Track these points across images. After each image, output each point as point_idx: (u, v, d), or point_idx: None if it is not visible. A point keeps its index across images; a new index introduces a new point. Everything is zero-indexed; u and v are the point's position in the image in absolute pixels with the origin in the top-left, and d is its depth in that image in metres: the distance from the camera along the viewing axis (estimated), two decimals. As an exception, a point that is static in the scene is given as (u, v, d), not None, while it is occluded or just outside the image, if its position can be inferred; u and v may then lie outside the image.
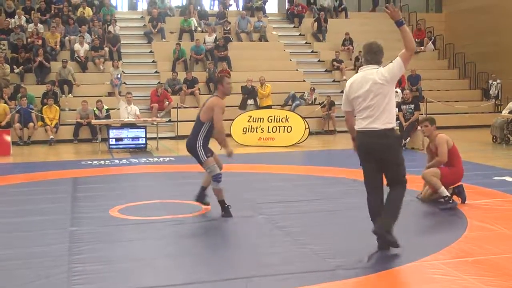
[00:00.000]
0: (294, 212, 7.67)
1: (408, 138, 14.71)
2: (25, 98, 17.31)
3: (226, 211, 7.49)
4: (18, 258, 5.76)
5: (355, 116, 5.94)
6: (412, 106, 14.88)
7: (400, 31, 5.75)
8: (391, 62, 5.76)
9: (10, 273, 5.35)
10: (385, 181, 5.95)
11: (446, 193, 7.80)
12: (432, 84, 22.69)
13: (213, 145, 7.61)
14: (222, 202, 7.53)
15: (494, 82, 22.15)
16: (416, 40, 24.42)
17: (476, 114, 21.30)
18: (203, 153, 7.41)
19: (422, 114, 14.70)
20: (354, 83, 5.86)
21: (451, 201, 7.77)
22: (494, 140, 15.86)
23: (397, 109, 15.59)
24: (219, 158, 7.69)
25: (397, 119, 15.44)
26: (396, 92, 19.18)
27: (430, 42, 24.81)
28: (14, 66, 19.38)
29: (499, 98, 22.01)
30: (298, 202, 8.31)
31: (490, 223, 6.90)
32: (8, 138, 15.12)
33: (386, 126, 5.67)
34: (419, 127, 8.14)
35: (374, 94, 5.68)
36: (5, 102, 17.40)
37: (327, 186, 9.67)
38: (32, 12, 21.81)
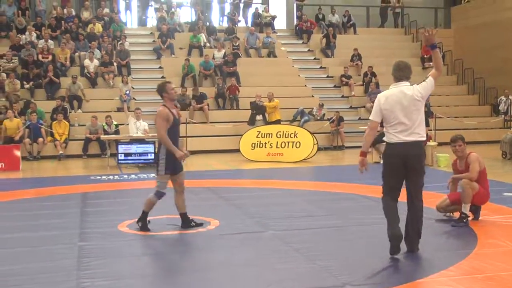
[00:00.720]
0: (303, 228, 7.64)
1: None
2: (35, 114, 17.43)
3: (144, 224, 7.50)
4: (27, 273, 5.76)
5: (378, 131, 6.29)
6: None
7: (432, 53, 6.46)
8: (424, 80, 6.25)
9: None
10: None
11: (467, 210, 7.73)
12: (441, 99, 22.65)
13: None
14: (146, 214, 7.53)
15: (503, 98, 22.10)
16: (425, 56, 24.46)
17: (485, 130, 21.24)
18: (164, 166, 7.33)
19: (430, 130, 14.68)
20: (391, 97, 6.19)
21: (465, 221, 7.69)
22: (503, 156, 15.80)
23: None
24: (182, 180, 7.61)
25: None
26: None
27: (439, 58, 24.77)
28: (25, 82, 19.51)
29: (509, 113, 21.95)
30: (307, 218, 8.28)
31: (500, 240, 6.84)
32: (18, 153, 15.21)
33: (421, 139, 6.17)
34: (452, 146, 8.07)
35: (411, 109, 6.12)
36: (15, 117, 17.50)
37: (336, 202, 9.64)
38: (43, 28, 21.98)
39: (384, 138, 6.33)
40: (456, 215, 7.90)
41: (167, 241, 7.07)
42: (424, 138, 6.23)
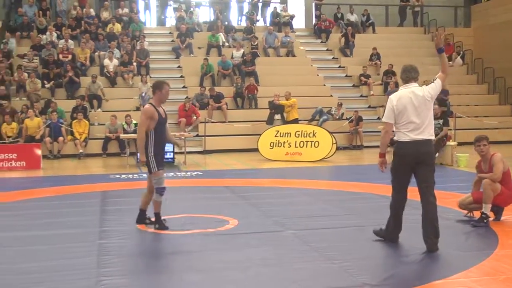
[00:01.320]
0: (322, 227, 7.63)
1: (437, 154, 14.55)
2: (55, 113, 17.58)
3: (160, 223, 7.56)
4: (48, 271, 5.82)
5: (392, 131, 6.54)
6: (441, 121, 14.73)
7: (439, 57, 6.77)
8: (432, 81, 6.58)
9: (40, 285, 5.41)
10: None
11: (488, 211, 7.66)
12: (461, 99, 22.49)
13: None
14: (158, 215, 7.59)
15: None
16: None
17: (506, 130, 21.03)
18: (155, 164, 7.35)
19: (450, 129, 14.58)
20: (402, 98, 6.45)
21: (485, 221, 7.63)
22: (525, 156, 15.62)
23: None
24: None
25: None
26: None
27: (459, 57, 24.63)
28: (45, 81, 19.70)
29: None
30: (325, 217, 8.27)
31: (521, 240, 6.78)
32: (38, 151, 15.35)
33: (431, 137, 6.46)
34: (477, 145, 7.99)
35: (422, 109, 6.40)
36: (36, 116, 17.66)
37: (355, 202, 9.61)
38: (63, 28, 22.17)
39: (395, 138, 6.58)
40: (477, 215, 7.84)
41: (186, 240, 7.09)
42: (433, 137, 6.53)
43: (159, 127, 7.39)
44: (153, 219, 7.71)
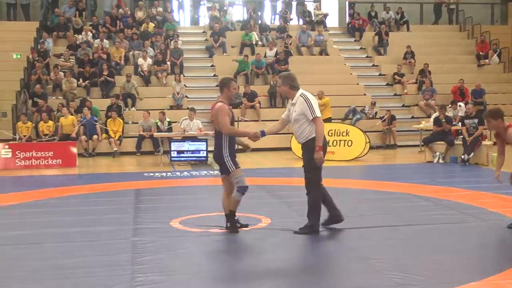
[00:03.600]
0: (354, 227, 7.59)
1: (472, 154, 14.37)
2: (89, 111, 17.83)
3: (233, 224, 7.31)
4: (83, 267, 5.91)
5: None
6: (476, 120, 14.55)
7: None
8: None
9: (75, 281, 5.50)
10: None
11: None
12: (496, 98, 22.11)
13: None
14: (233, 213, 7.31)
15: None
16: (481, 53, 23.96)
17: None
18: (231, 163, 7.15)
19: (486, 129, 14.37)
20: None
21: None
22: None
23: (460, 123, 15.33)
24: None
25: (460, 133, 15.13)
26: (460, 106, 18.84)
27: (495, 55, 24.24)
28: (80, 80, 19.98)
29: None
30: (358, 217, 8.22)
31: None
32: (74, 150, 15.60)
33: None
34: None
35: None
36: (71, 115, 17.93)
37: (388, 201, 9.54)
38: (99, 26, 22.45)
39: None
40: None
41: (219, 238, 7.13)
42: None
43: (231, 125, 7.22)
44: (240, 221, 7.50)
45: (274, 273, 5.76)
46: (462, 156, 14.38)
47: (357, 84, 22.42)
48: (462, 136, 14.77)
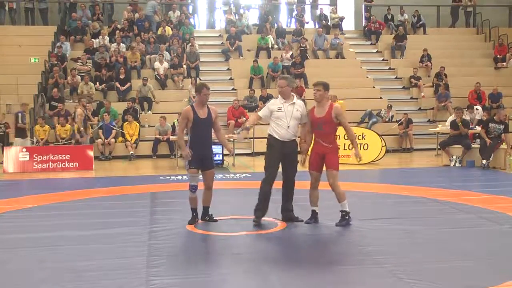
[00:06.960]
0: (372, 231, 7.57)
1: (491, 157, 14.27)
2: (107, 114, 17.92)
3: (193, 218, 8.11)
4: (99, 270, 5.95)
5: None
6: (502, 126, 14.43)
7: None
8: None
9: (92, 284, 5.54)
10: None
11: None
12: (513, 101, 21.94)
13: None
14: (193, 210, 8.15)
15: None
16: (498, 56, 23.75)
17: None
18: (187, 163, 7.99)
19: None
20: None
21: None
22: None
23: (479, 126, 15.21)
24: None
25: (480, 136, 15.01)
26: (477, 109, 18.72)
27: (513, 59, 24.02)
28: (97, 84, 20.10)
29: None
30: (375, 220, 8.20)
31: None
32: (91, 153, 15.70)
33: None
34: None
35: None
36: (88, 118, 18.04)
37: (404, 205, 9.50)
38: (117, 31, 22.57)
39: None
40: None
41: (235, 241, 7.14)
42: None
43: (196, 127, 7.92)
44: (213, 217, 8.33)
45: (287, 276, 5.75)
46: (484, 162, 14.23)
47: (373, 87, 22.34)
48: (480, 139, 14.67)
